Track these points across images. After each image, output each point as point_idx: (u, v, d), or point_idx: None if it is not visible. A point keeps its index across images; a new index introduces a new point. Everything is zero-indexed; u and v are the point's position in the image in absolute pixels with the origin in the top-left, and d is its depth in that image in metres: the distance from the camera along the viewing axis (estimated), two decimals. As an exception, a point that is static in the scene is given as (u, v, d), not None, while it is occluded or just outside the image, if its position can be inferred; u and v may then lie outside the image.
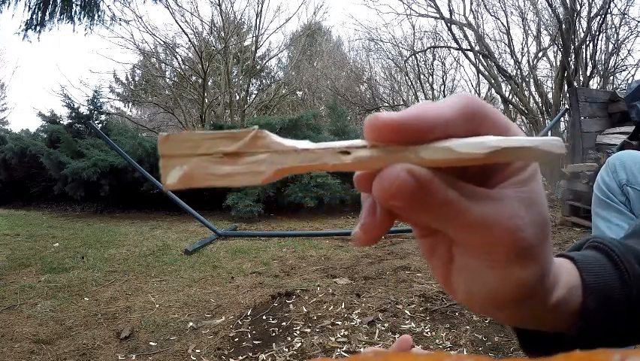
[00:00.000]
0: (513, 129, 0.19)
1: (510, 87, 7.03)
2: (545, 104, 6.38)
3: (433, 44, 8.82)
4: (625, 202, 0.83)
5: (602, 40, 6.04)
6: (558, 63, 6.44)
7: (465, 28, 7.07)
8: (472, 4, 7.49)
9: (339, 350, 1.29)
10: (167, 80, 9.97)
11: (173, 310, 1.64)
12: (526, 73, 7.23)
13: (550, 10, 6.08)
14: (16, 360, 1.26)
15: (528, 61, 7.38)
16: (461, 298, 0.22)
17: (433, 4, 7.17)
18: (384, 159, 0.17)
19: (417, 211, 0.17)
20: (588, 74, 5.87)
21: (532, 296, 0.21)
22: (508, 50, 7.42)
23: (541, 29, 6.96)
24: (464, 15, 7.32)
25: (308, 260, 2.36)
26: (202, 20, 10.30)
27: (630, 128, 3.00)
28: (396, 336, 1.36)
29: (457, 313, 1.51)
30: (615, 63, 6.34)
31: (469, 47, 7.00)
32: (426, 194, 0.16)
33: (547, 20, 6.71)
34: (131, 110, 12.91)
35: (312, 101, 12.06)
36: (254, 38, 8.65)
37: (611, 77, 6.56)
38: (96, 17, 4.39)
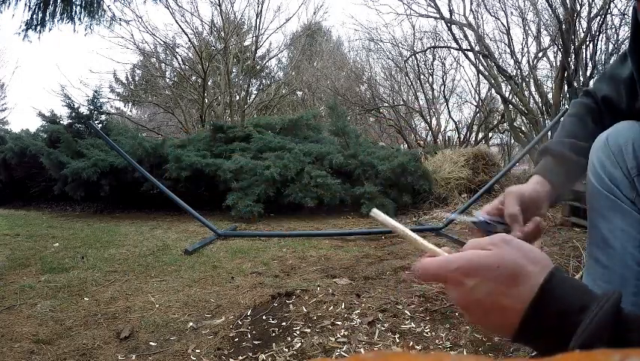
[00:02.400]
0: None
1: (510, 87, 7.02)
2: (545, 105, 6.37)
3: (433, 44, 8.81)
4: (634, 199, 0.60)
5: (602, 41, 6.04)
6: (558, 63, 6.44)
7: (465, 29, 7.06)
8: (472, 4, 7.50)
9: (339, 350, 1.29)
10: (167, 80, 9.97)
11: (173, 310, 1.64)
12: (526, 73, 7.23)
13: (550, 10, 6.08)
14: (16, 360, 1.26)
15: (528, 61, 7.38)
16: None
17: (433, 4, 7.17)
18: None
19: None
20: (588, 74, 5.86)
21: None
22: (508, 50, 7.42)
23: (541, 29, 6.96)
24: (464, 15, 7.32)
25: (308, 260, 2.37)
26: (202, 20, 10.30)
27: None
28: (396, 336, 1.36)
29: (457, 314, 1.51)
30: (615, 63, 6.33)
31: (469, 47, 7.00)
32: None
33: (547, 20, 6.70)
34: (131, 110, 12.91)
35: (312, 101, 12.06)
36: (254, 38, 8.64)
37: (611, 78, 6.55)
38: (96, 17, 4.39)
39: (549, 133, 4.18)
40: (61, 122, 5.22)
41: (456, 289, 0.42)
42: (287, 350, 1.30)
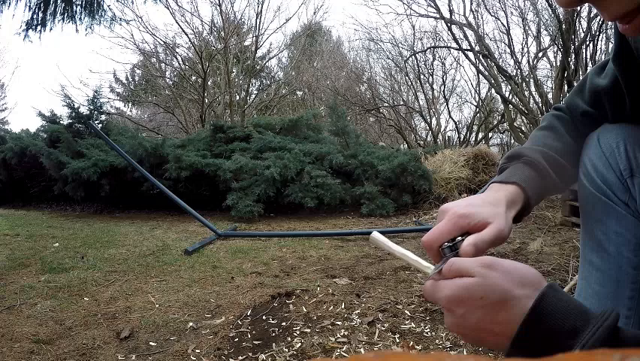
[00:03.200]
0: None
1: (510, 87, 7.02)
2: (545, 105, 6.37)
3: (433, 44, 8.81)
4: (627, 201, 0.58)
5: (602, 41, 6.04)
6: (558, 63, 6.44)
7: (465, 29, 7.06)
8: (472, 4, 7.50)
9: (339, 350, 1.29)
10: (167, 80, 9.97)
11: (173, 310, 1.64)
12: (526, 73, 7.24)
13: (550, 10, 6.08)
14: (16, 360, 1.26)
15: (528, 61, 7.39)
16: None
17: (433, 4, 7.16)
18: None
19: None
20: (588, 74, 5.85)
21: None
22: (508, 50, 7.42)
23: (541, 29, 6.97)
24: (464, 15, 7.32)
25: (308, 260, 2.37)
26: (202, 20, 10.31)
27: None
28: (396, 336, 1.36)
29: (457, 314, 1.51)
30: (615, 63, 6.33)
31: (469, 47, 7.00)
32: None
33: (547, 20, 6.71)
34: (131, 110, 12.92)
35: (312, 101, 12.06)
36: (254, 38, 8.65)
37: (611, 78, 6.55)
38: (97, 17, 4.39)
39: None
40: (61, 122, 5.21)
41: (448, 315, 0.44)
42: (287, 350, 1.30)
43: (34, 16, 4.11)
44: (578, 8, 5.50)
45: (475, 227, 0.50)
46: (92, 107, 5.16)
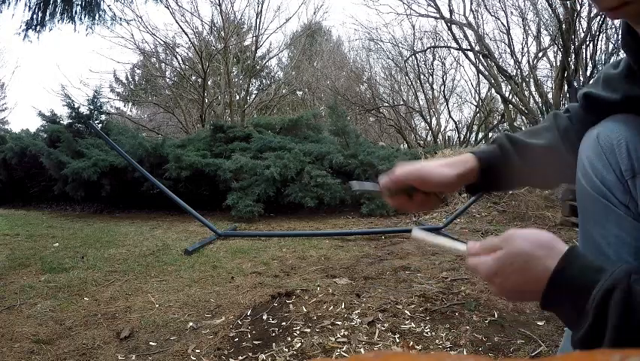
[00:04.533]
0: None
1: (510, 87, 7.02)
2: (545, 104, 6.37)
3: (433, 44, 8.81)
4: (628, 203, 0.56)
5: (602, 41, 6.04)
6: (558, 63, 6.44)
7: (465, 28, 7.06)
8: (472, 4, 7.50)
9: (339, 350, 1.29)
10: (167, 80, 9.97)
11: (173, 310, 1.64)
12: (526, 73, 7.24)
13: (550, 10, 6.08)
14: (16, 360, 1.26)
15: (528, 61, 7.39)
16: None
17: (433, 4, 7.17)
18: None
19: None
20: (588, 74, 5.86)
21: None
22: (508, 50, 7.42)
23: (541, 29, 6.97)
24: (464, 15, 7.32)
25: (308, 260, 2.37)
26: (202, 20, 10.31)
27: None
28: (396, 336, 1.36)
29: (457, 314, 1.51)
30: (615, 63, 6.33)
31: (469, 47, 7.00)
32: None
33: (547, 20, 6.71)
34: (131, 110, 12.92)
35: (312, 101, 12.06)
36: (254, 38, 8.65)
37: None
38: (97, 17, 4.39)
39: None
40: (61, 122, 5.21)
41: (491, 286, 0.52)
42: (287, 350, 1.30)
43: (34, 16, 4.11)
44: (578, 8, 5.50)
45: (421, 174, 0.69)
46: (92, 107, 5.16)
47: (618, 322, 0.38)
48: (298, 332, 1.41)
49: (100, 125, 5.17)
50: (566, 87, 5.69)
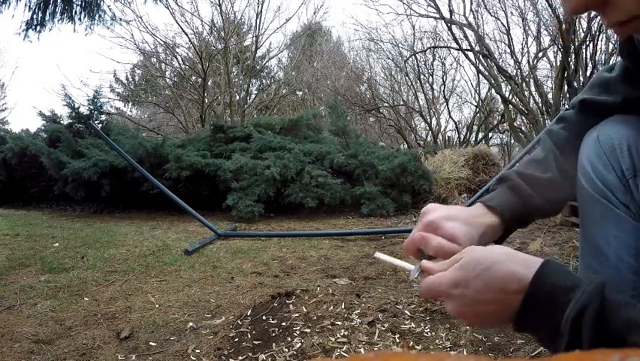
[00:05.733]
0: None
1: (510, 87, 7.03)
2: (545, 105, 6.37)
3: (433, 44, 8.82)
4: (628, 203, 0.55)
5: (602, 41, 6.04)
6: (558, 63, 6.44)
7: (465, 29, 7.07)
8: (472, 4, 7.50)
9: (339, 350, 1.29)
10: (167, 80, 9.97)
11: (173, 310, 1.64)
12: (526, 73, 7.24)
13: (550, 10, 6.08)
14: (16, 360, 1.26)
15: (528, 61, 7.39)
16: None
17: (433, 5, 7.17)
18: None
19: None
20: (588, 74, 5.87)
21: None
22: (508, 50, 7.43)
23: (541, 29, 6.97)
24: (464, 15, 7.33)
25: (308, 260, 2.37)
26: (202, 20, 10.31)
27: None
28: (396, 336, 1.36)
29: (457, 314, 1.51)
30: (615, 63, 6.34)
31: (469, 47, 7.01)
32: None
33: (547, 20, 6.71)
34: (131, 110, 12.92)
35: (312, 101, 12.06)
36: (254, 38, 8.65)
37: (611, 77, 6.56)
38: (97, 17, 4.39)
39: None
40: (61, 122, 5.21)
41: (449, 300, 0.48)
42: (287, 350, 1.30)
43: (34, 16, 4.11)
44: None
45: (444, 237, 0.56)
46: (92, 107, 5.16)
47: (590, 344, 0.38)
48: (298, 332, 1.41)
49: (100, 125, 5.17)
50: (566, 87, 5.70)
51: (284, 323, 1.49)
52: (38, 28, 4.15)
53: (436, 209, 0.58)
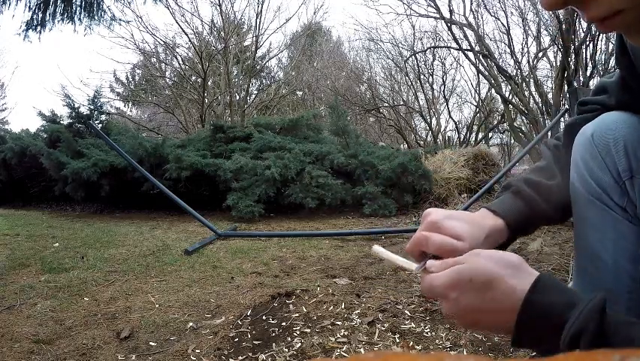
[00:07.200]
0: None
1: (510, 87, 7.03)
2: (545, 104, 6.38)
3: (433, 44, 8.82)
4: (625, 205, 0.54)
5: (602, 41, 6.04)
6: (558, 63, 6.45)
7: (465, 29, 7.07)
8: (472, 4, 7.50)
9: (339, 350, 1.29)
10: (167, 80, 9.96)
11: (173, 310, 1.64)
12: (526, 73, 7.24)
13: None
14: (16, 360, 1.26)
15: (528, 61, 7.39)
16: None
17: (433, 5, 7.17)
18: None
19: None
20: (588, 74, 5.87)
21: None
22: (508, 50, 7.43)
23: (541, 29, 6.97)
24: (464, 15, 7.33)
25: (308, 260, 2.37)
26: (202, 20, 10.30)
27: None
28: (396, 336, 1.36)
29: (457, 314, 1.51)
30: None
31: (469, 47, 7.01)
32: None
33: (547, 20, 6.71)
34: (131, 110, 12.92)
35: (312, 101, 12.06)
36: (254, 38, 8.65)
37: (611, 77, 6.56)
38: (96, 17, 4.39)
39: (549, 133, 4.18)
40: (61, 122, 5.21)
41: (444, 302, 0.47)
42: (287, 350, 1.30)
43: (34, 17, 4.11)
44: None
45: (447, 235, 0.55)
46: (92, 107, 5.16)
47: None
48: (298, 332, 1.41)
49: (100, 125, 5.17)
50: (566, 87, 5.70)
51: (284, 323, 1.49)
52: (38, 28, 4.15)
53: (439, 211, 0.58)
